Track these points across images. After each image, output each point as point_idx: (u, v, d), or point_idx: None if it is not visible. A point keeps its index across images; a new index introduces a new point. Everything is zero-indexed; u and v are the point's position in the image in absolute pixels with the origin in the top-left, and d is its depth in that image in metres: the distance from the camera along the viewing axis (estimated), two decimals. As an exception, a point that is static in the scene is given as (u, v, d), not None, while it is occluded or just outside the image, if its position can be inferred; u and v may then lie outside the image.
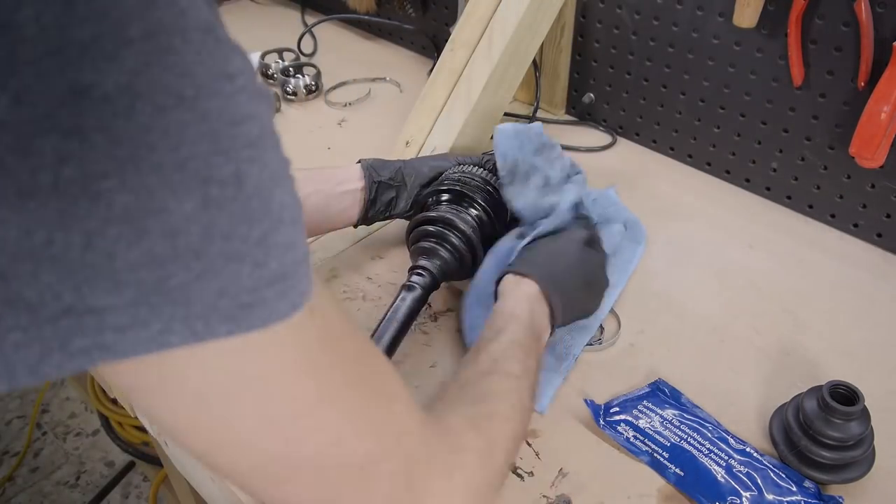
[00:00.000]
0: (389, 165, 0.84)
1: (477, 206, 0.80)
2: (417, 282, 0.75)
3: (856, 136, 0.84)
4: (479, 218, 0.80)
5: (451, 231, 0.77)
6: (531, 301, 0.67)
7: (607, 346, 0.79)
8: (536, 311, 0.67)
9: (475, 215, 0.79)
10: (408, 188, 0.84)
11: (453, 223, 0.77)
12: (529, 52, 1.02)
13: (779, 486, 0.63)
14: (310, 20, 1.52)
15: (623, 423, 0.69)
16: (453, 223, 0.77)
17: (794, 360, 0.78)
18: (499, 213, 0.81)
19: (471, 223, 0.78)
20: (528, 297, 0.68)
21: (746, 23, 0.90)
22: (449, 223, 0.77)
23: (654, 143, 1.10)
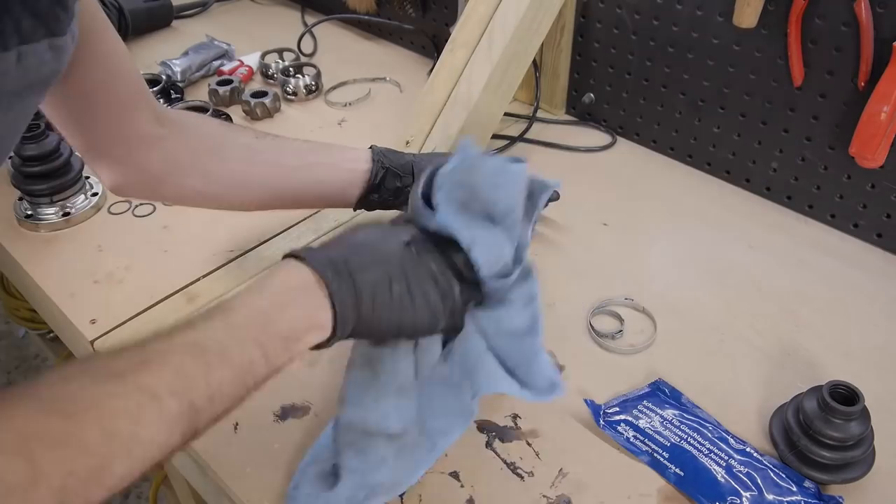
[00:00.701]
0: (402, 157, 0.83)
1: None
2: None
3: (856, 136, 0.84)
4: None
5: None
6: (285, 290, 0.50)
7: (642, 348, 0.79)
8: (294, 306, 0.50)
9: None
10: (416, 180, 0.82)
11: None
12: (529, 52, 1.02)
13: (779, 486, 0.63)
14: (310, 20, 1.51)
15: (623, 423, 0.69)
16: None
17: (794, 360, 0.78)
18: None
19: None
20: (280, 284, 0.51)
21: (746, 23, 0.90)
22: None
23: (654, 143, 1.10)
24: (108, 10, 1.35)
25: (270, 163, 0.77)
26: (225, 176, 0.76)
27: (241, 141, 0.77)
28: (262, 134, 0.79)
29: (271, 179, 0.78)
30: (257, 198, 0.79)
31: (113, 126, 0.69)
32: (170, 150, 0.72)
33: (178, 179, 0.75)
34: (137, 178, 0.73)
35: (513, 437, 0.70)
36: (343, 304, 0.51)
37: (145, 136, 0.70)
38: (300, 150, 0.80)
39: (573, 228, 0.96)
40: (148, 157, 0.72)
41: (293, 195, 0.80)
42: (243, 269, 0.89)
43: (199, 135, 0.75)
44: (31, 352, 2.09)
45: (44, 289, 0.86)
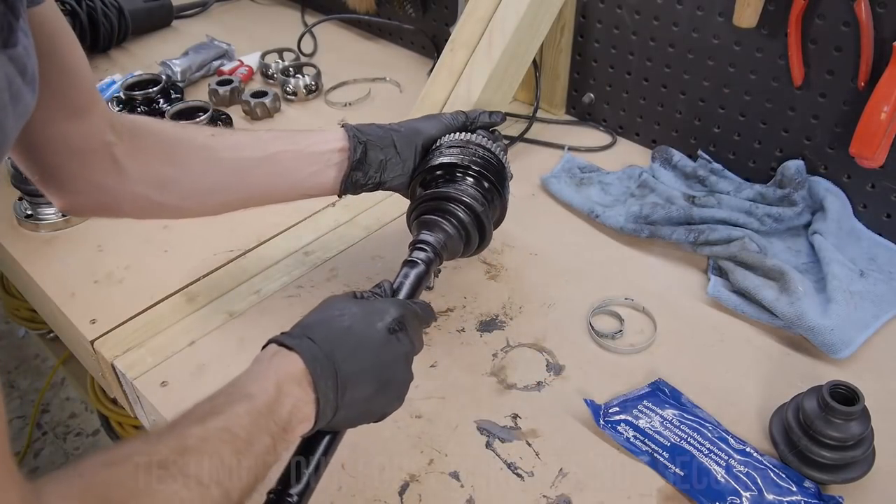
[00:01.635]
0: (378, 129, 0.78)
1: (482, 178, 0.76)
2: (419, 257, 0.70)
3: (856, 136, 0.84)
4: (485, 189, 0.75)
5: (454, 204, 0.73)
6: (286, 381, 0.52)
7: (642, 348, 0.79)
8: (289, 397, 0.52)
9: (478, 185, 0.75)
10: (399, 152, 0.77)
11: (454, 196, 0.72)
12: (529, 52, 1.02)
13: (779, 486, 0.63)
14: (310, 20, 1.51)
15: (623, 423, 0.69)
16: (454, 196, 0.72)
17: (794, 360, 0.78)
18: (502, 178, 0.78)
19: (473, 195, 0.74)
20: (283, 374, 0.53)
21: (746, 23, 0.90)
22: (449, 197, 0.73)
23: (654, 143, 1.10)
24: (107, 10, 1.35)
25: (229, 160, 0.73)
26: (182, 183, 0.72)
27: (196, 142, 0.73)
28: (219, 131, 0.74)
29: (233, 178, 0.74)
30: (221, 201, 0.76)
31: (66, 138, 0.64)
32: (121, 158, 0.68)
33: (133, 190, 0.70)
34: (91, 194, 0.70)
35: (513, 437, 0.70)
36: (325, 399, 0.53)
37: (98, 144, 0.66)
38: (260, 141, 0.75)
39: (573, 228, 0.96)
40: (100, 170, 0.68)
41: (261, 191, 0.76)
42: (243, 269, 0.89)
43: (152, 140, 0.71)
44: (31, 352, 2.09)
45: (44, 289, 0.86)
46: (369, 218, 0.97)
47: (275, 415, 0.50)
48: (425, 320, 0.65)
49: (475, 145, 0.78)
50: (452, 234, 0.73)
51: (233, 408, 0.49)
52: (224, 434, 0.47)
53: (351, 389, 0.55)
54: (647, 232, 0.91)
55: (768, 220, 0.91)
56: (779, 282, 0.81)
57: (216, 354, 0.78)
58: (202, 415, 0.48)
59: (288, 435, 0.52)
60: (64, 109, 0.63)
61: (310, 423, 0.53)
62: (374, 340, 0.57)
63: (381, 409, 0.59)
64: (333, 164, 0.75)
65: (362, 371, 0.56)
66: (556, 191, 1.00)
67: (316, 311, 0.60)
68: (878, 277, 0.85)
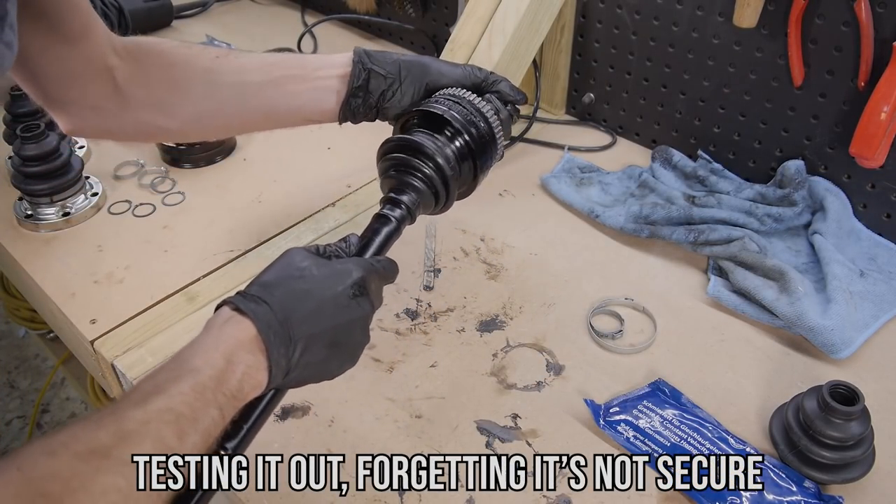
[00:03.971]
0: (388, 56, 0.75)
1: (461, 141, 0.71)
2: (394, 214, 0.67)
3: (856, 136, 0.84)
4: (460, 153, 0.71)
5: (426, 162, 0.69)
6: (237, 350, 0.51)
7: (642, 348, 0.79)
8: (240, 365, 0.51)
9: (455, 149, 0.71)
10: (402, 85, 0.74)
11: (429, 154, 0.69)
12: (529, 52, 1.02)
13: (779, 486, 0.63)
14: (310, 20, 1.51)
15: (623, 423, 0.69)
16: (429, 154, 0.69)
17: (794, 360, 0.78)
18: (486, 152, 0.73)
19: (449, 157, 0.70)
20: (234, 343, 0.51)
21: (746, 23, 0.90)
22: (425, 153, 0.69)
23: (654, 143, 1.10)
24: (107, 10, 1.35)
25: (233, 84, 0.72)
26: (186, 106, 0.71)
27: (201, 64, 0.71)
28: (224, 53, 0.73)
29: (235, 102, 0.72)
30: (224, 124, 0.75)
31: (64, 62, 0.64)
32: (122, 82, 0.68)
33: (135, 114, 0.70)
34: (93, 118, 0.69)
35: (513, 437, 0.70)
36: (278, 365, 0.52)
37: (98, 69, 0.66)
38: (266, 64, 0.73)
39: (573, 228, 0.96)
40: (101, 94, 0.67)
41: (264, 115, 0.74)
42: (243, 269, 0.89)
43: (155, 63, 0.70)
44: (31, 352, 2.09)
45: (44, 289, 0.86)
46: (369, 218, 0.97)
47: (224, 386, 0.49)
48: (387, 278, 0.63)
49: (477, 112, 0.73)
50: (423, 191, 0.69)
51: (177, 385, 0.47)
52: (166, 415, 0.45)
53: (305, 353, 0.54)
54: (647, 232, 0.91)
55: (768, 220, 0.91)
56: (779, 282, 0.81)
57: (216, 354, 0.78)
58: (144, 395, 0.46)
59: (238, 402, 0.51)
60: (60, 34, 0.63)
61: (261, 389, 0.53)
62: (333, 305, 0.56)
63: (333, 371, 0.59)
64: (335, 91, 0.73)
65: (318, 335, 0.55)
66: (556, 191, 1.00)
67: (275, 266, 0.58)
68: (878, 277, 0.85)
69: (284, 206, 0.99)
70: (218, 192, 1.02)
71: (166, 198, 1.01)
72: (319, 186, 1.01)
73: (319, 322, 0.55)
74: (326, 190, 1.01)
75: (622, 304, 0.84)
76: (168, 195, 1.01)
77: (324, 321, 0.55)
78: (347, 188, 1.02)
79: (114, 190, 1.03)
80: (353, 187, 1.03)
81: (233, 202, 1.00)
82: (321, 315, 0.55)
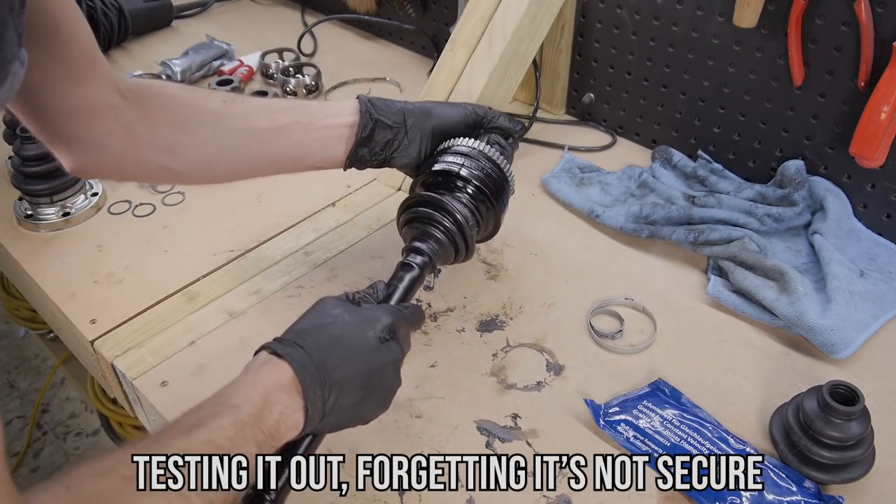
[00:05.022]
0: (392, 105, 0.77)
1: (478, 193, 0.76)
2: (415, 261, 0.72)
3: (856, 136, 0.84)
4: (479, 203, 0.76)
5: (446, 216, 0.74)
6: (274, 390, 0.54)
7: (642, 348, 0.79)
8: (277, 405, 0.53)
9: (473, 203, 0.76)
10: (408, 133, 0.77)
11: (449, 210, 0.73)
12: (529, 52, 1.02)
13: (779, 486, 0.63)
14: (310, 20, 1.51)
15: (623, 423, 0.69)
16: (449, 210, 0.73)
17: (794, 360, 0.78)
18: (502, 193, 0.79)
19: (467, 215, 0.74)
20: (272, 384, 0.54)
21: (746, 23, 0.90)
22: (445, 209, 0.74)
23: (654, 143, 1.10)
24: (107, 10, 1.35)
25: (240, 130, 0.72)
26: (191, 149, 0.71)
27: (208, 108, 0.71)
28: (231, 97, 0.74)
29: (243, 147, 0.73)
30: (229, 169, 0.75)
31: (65, 100, 0.63)
32: (128, 122, 0.67)
33: (140, 155, 0.69)
34: (97, 156, 0.68)
35: (513, 437, 0.70)
36: (314, 407, 0.55)
37: (101, 107, 0.65)
38: (273, 110, 0.74)
39: (573, 228, 0.96)
40: (104, 132, 0.66)
41: (270, 162, 0.75)
42: (243, 268, 0.89)
43: (162, 105, 0.70)
44: (31, 352, 2.09)
45: (44, 289, 0.86)
46: (369, 218, 0.97)
47: (262, 424, 0.52)
48: (415, 324, 0.67)
49: (486, 159, 0.77)
50: (444, 243, 0.74)
51: (218, 419, 0.50)
52: (208, 446, 0.48)
53: (339, 396, 0.57)
54: (647, 232, 0.91)
55: (768, 220, 0.91)
56: (779, 282, 0.81)
57: (216, 354, 0.78)
58: (188, 426, 0.49)
59: (275, 442, 0.53)
60: (62, 72, 0.62)
61: (298, 430, 0.55)
62: (365, 349, 0.59)
63: (367, 415, 0.61)
64: (342, 139, 0.75)
65: (351, 379, 0.57)
66: (556, 191, 1.00)
67: (309, 315, 0.61)
68: (878, 277, 0.85)
69: (284, 206, 0.99)
70: (218, 192, 1.02)
71: (166, 198, 1.01)
72: (319, 186, 1.01)
73: (353, 366, 0.58)
74: (326, 190, 1.02)
75: (622, 304, 0.84)
76: (168, 195, 1.01)
77: (357, 365, 0.58)
78: (347, 188, 1.02)
79: (114, 190, 1.03)
80: (353, 187, 1.03)
81: (233, 202, 1.00)
82: (354, 359, 0.58)
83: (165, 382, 0.75)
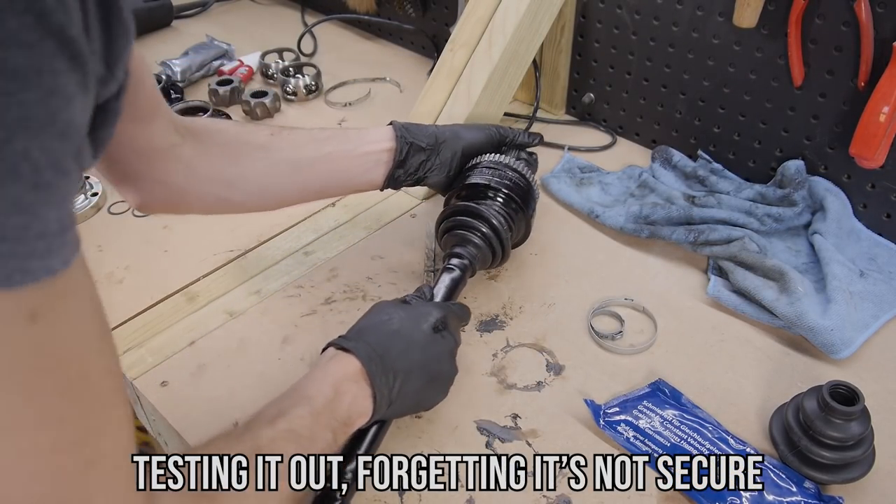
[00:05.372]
0: (424, 129, 0.83)
1: (509, 201, 0.82)
2: (455, 264, 0.78)
3: (856, 137, 0.84)
4: (510, 210, 0.82)
5: (482, 222, 0.80)
6: (343, 381, 0.59)
7: (642, 348, 0.79)
8: (347, 394, 0.59)
9: (505, 210, 0.81)
10: (439, 155, 0.83)
11: (485, 216, 0.79)
12: (529, 52, 1.02)
13: (779, 486, 0.63)
14: (310, 20, 1.51)
15: (623, 423, 0.69)
16: (485, 216, 0.79)
17: (794, 360, 0.78)
18: (529, 200, 0.85)
19: (500, 221, 0.80)
20: (341, 375, 0.59)
21: (746, 23, 0.90)
22: (482, 216, 0.80)
23: (654, 143, 1.10)
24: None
25: (288, 161, 0.77)
26: (247, 180, 0.75)
27: (257, 141, 0.76)
28: (277, 129, 0.78)
29: (291, 176, 0.77)
30: (281, 197, 0.79)
31: (132, 141, 0.66)
32: (187, 159, 0.71)
33: (200, 189, 0.73)
34: (161, 192, 0.72)
35: (513, 437, 0.70)
36: (381, 394, 0.60)
37: (164, 147, 0.69)
38: (317, 140, 0.79)
39: (573, 228, 0.96)
40: (167, 170, 0.70)
41: (318, 188, 0.80)
42: (243, 268, 0.89)
43: (215, 141, 0.74)
44: (31, 352, 2.08)
45: (44, 289, 0.86)
46: (369, 218, 0.97)
47: (335, 412, 0.57)
48: (463, 318, 0.73)
49: (510, 169, 0.84)
50: (482, 247, 0.80)
51: (296, 410, 0.55)
52: (289, 434, 0.53)
53: (403, 384, 0.62)
54: (647, 232, 0.91)
55: (768, 220, 0.91)
56: (779, 282, 0.81)
57: (216, 354, 0.78)
58: (271, 417, 0.54)
59: (348, 429, 0.59)
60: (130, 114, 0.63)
61: (367, 416, 0.60)
62: (421, 340, 0.64)
63: (428, 401, 0.67)
64: (382, 163, 0.81)
65: (412, 367, 0.63)
66: (556, 191, 1.00)
67: (366, 316, 0.67)
68: (878, 277, 0.85)
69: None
70: (218, 192, 1.02)
71: (166, 198, 1.01)
72: (319, 186, 1.01)
73: (412, 355, 0.63)
74: (326, 190, 1.01)
75: (622, 304, 0.84)
76: (168, 195, 1.01)
77: (415, 354, 0.63)
78: (347, 188, 1.02)
79: (114, 190, 1.02)
80: (353, 187, 1.03)
81: (233, 202, 1.00)
82: (412, 349, 0.63)
83: (165, 382, 0.75)
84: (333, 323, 0.82)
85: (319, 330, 0.81)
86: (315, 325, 0.81)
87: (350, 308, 0.83)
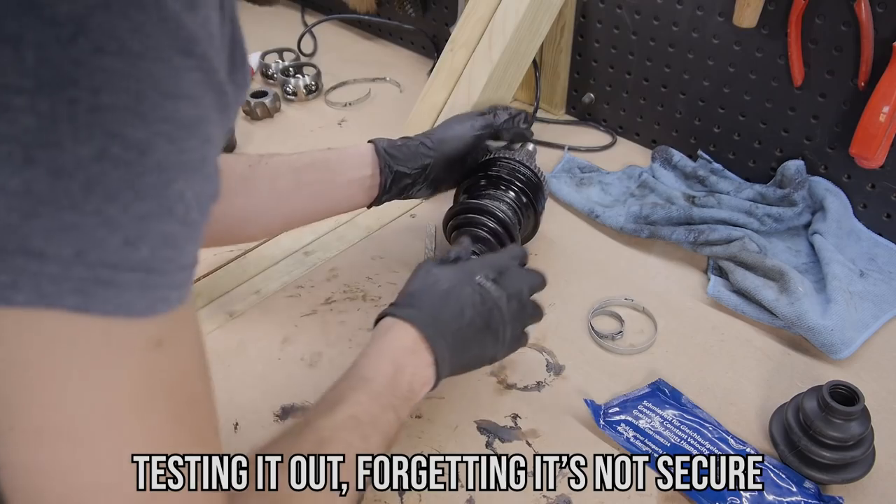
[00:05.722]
0: (410, 151, 0.81)
1: (515, 189, 0.84)
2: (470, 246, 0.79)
3: (856, 137, 0.84)
4: (518, 200, 0.84)
5: (489, 217, 0.81)
6: (402, 354, 0.59)
7: (642, 348, 0.79)
8: (408, 367, 0.59)
9: (513, 198, 0.83)
10: (427, 174, 0.82)
11: (490, 210, 0.81)
12: (529, 52, 1.02)
13: (779, 486, 0.63)
14: (310, 20, 1.51)
15: (623, 423, 0.69)
16: (490, 210, 0.81)
17: (794, 360, 0.78)
18: (537, 196, 0.87)
19: (508, 214, 0.81)
20: (399, 348, 0.59)
21: (746, 23, 0.90)
22: (486, 210, 0.81)
23: (654, 143, 1.10)
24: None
25: (267, 192, 0.76)
26: (228, 213, 0.74)
27: (236, 174, 0.75)
28: (255, 159, 0.77)
29: (272, 207, 0.77)
30: (264, 227, 0.79)
31: None
32: None
33: None
34: None
35: (513, 437, 0.70)
36: (443, 359, 0.60)
37: None
38: (296, 170, 0.78)
39: (573, 228, 0.96)
40: None
41: (300, 217, 0.80)
42: (243, 268, 0.89)
43: None
44: (31, 352, 2.08)
45: (44, 289, 0.86)
46: (369, 218, 0.97)
47: (396, 390, 0.57)
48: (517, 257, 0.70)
49: (521, 164, 0.86)
50: (491, 242, 0.81)
51: (355, 394, 0.55)
52: (350, 422, 0.53)
53: (462, 343, 0.62)
54: (647, 232, 0.91)
55: (768, 220, 0.91)
56: (779, 282, 0.81)
57: (216, 354, 0.78)
58: (330, 405, 0.53)
59: (410, 403, 0.58)
60: None
61: (430, 384, 0.60)
62: (469, 296, 0.63)
63: (489, 354, 0.66)
64: (364, 188, 0.80)
65: (467, 324, 0.62)
66: (556, 191, 1.00)
67: (414, 279, 0.66)
68: (878, 277, 0.85)
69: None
70: (218, 192, 1.01)
71: (166, 198, 1.01)
72: (319, 186, 1.01)
73: (465, 313, 0.62)
74: (326, 190, 1.01)
75: (622, 304, 0.84)
76: (168, 195, 1.01)
77: (467, 311, 0.62)
78: (347, 188, 1.02)
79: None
80: (353, 187, 1.02)
81: (233, 202, 1.00)
82: (464, 308, 0.62)
83: (165, 382, 0.75)
84: (333, 323, 0.82)
85: (319, 330, 0.81)
86: (315, 325, 0.81)
87: (350, 308, 0.83)
